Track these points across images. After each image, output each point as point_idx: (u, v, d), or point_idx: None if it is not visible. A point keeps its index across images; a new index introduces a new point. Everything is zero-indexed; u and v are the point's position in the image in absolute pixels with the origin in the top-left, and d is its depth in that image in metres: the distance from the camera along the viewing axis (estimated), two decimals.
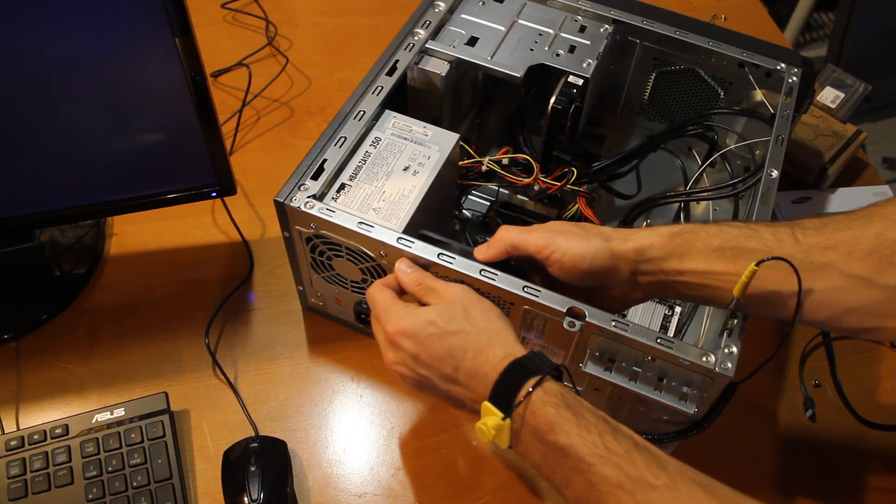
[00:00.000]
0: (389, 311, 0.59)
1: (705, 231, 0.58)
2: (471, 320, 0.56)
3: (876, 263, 0.52)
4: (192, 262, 0.85)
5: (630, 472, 0.47)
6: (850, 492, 0.72)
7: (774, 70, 0.78)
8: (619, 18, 0.81)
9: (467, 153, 0.78)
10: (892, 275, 0.52)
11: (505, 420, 0.51)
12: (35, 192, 0.72)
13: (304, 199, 0.65)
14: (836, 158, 0.92)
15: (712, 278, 0.56)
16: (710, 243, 0.57)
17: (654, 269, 0.58)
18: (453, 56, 0.76)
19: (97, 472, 0.68)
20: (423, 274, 0.61)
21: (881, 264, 0.52)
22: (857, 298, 0.53)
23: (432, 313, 0.57)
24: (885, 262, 0.52)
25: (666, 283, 0.59)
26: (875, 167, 0.99)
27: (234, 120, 0.99)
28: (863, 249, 0.53)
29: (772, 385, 0.78)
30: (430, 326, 0.56)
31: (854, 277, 0.52)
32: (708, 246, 0.57)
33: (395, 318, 0.58)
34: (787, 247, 0.55)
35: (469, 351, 0.55)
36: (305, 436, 0.73)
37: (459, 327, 0.55)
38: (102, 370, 0.77)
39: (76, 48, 0.62)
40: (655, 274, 0.58)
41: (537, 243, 0.59)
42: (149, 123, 0.70)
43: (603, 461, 0.48)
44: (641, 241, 0.58)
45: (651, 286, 0.60)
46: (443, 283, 0.60)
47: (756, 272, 0.53)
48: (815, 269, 0.53)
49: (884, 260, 0.52)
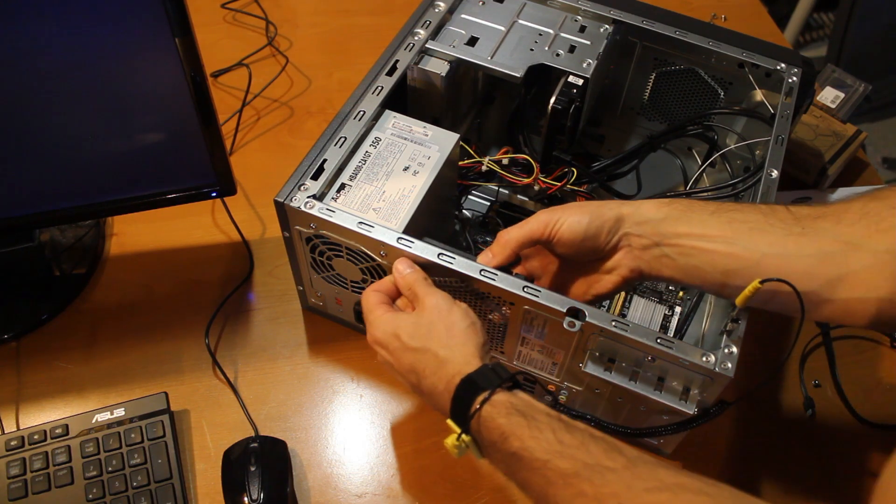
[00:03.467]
0: (368, 316, 0.61)
1: (701, 201, 0.60)
2: (433, 336, 0.56)
3: (865, 229, 0.53)
4: (192, 262, 0.85)
5: (586, 461, 0.48)
6: (850, 491, 0.72)
7: (774, 70, 0.78)
8: (619, 18, 0.81)
9: (467, 153, 0.78)
10: (882, 240, 0.52)
11: (463, 436, 0.53)
12: (35, 192, 0.72)
13: (304, 199, 0.65)
14: (836, 158, 0.92)
15: (707, 241, 0.57)
16: (706, 208, 0.58)
17: (649, 231, 0.59)
18: (453, 56, 0.76)
19: (97, 472, 0.68)
20: (416, 278, 0.61)
21: (870, 230, 0.53)
22: (848, 264, 0.53)
23: (399, 326, 0.58)
24: (874, 228, 0.52)
25: (660, 247, 0.59)
26: (875, 167, 0.99)
27: (234, 120, 0.99)
28: (851, 217, 0.54)
29: (772, 385, 0.78)
30: (395, 339, 0.58)
31: (845, 242, 0.53)
32: (703, 210, 0.58)
33: (371, 325, 0.60)
34: (780, 214, 0.56)
35: (427, 368, 0.56)
36: (305, 436, 0.73)
37: (419, 344, 0.57)
38: (102, 370, 0.77)
39: (76, 48, 0.62)
40: (650, 237, 0.59)
41: (540, 224, 0.61)
42: (149, 123, 0.70)
43: (558, 455, 0.49)
44: (636, 205, 0.60)
45: (644, 252, 0.60)
46: (425, 291, 0.59)
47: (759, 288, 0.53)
48: (808, 234, 0.54)
49: (872, 226, 0.53)
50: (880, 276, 0.52)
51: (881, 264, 0.52)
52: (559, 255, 0.64)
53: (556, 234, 0.60)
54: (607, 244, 0.60)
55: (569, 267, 0.65)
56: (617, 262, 0.61)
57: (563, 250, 0.61)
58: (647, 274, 0.61)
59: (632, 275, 0.61)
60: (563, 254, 0.62)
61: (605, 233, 0.60)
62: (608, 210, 0.60)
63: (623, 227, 0.60)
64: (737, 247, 0.55)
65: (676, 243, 0.58)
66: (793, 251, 0.54)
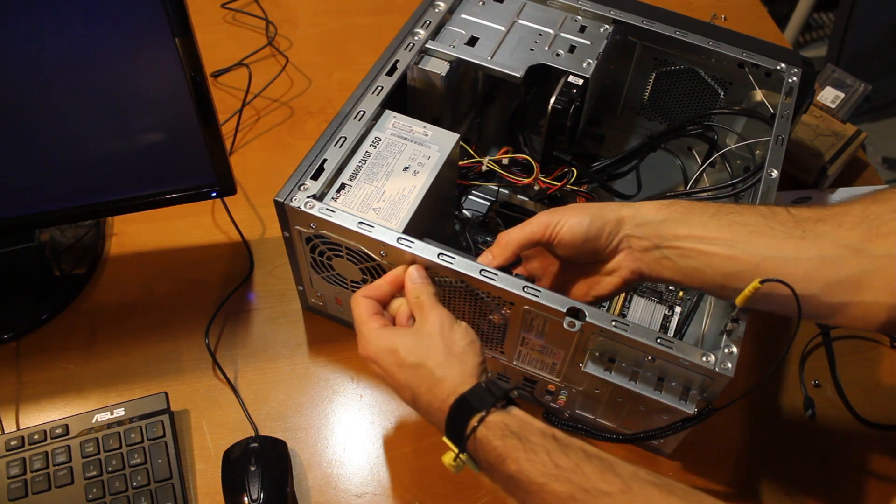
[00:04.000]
0: (361, 328, 0.60)
1: (702, 202, 0.60)
2: (431, 354, 0.56)
3: (865, 233, 0.53)
4: (192, 262, 0.85)
5: (582, 484, 0.48)
6: (850, 491, 0.72)
7: (774, 70, 0.78)
8: (619, 18, 0.81)
9: (467, 153, 0.78)
10: (882, 245, 0.52)
11: (461, 455, 0.53)
12: (35, 192, 0.72)
13: (304, 199, 0.65)
14: (836, 158, 0.92)
15: (707, 243, 0.57)
16: (706, 210, 0.58)
17: (649, 233, 0.59)
18: (453, 56, 0.76)
19: (97, 472, 0.68)
20: (427, 290, 0.61)
21: (870, 234, 0.52)
22: (848, 268, 0.53)
23: (398, 341, 0.57)
24: (874, 233, 0.52)
25: (660, 249, 0.59)
26: (875, 167, 0.99)
27: (234, 120, 0.99)
28: (851, 221, 0.53)
29: (772, 385, 0.78)
30: (391, 355, 0.57)
31: (844, 246, 0.53)
32: (704, 212, 0.58)
33: (364, 339, 0.59)
34: (780, 216, 0.56)
35: (423, 385, 0.56)
36: (305, 436, 0.73)
37: (417, 361, 0.56)
38: (102, 370, 0.77)
39: (76, 48, 0.62)
40: (650, 238, 0.59)
41: (541, 226, 0.61)
42: (149, 123, 0.70)
43: (553, 478, 0.49)
44: (637, 206, 0.60)
45: (645, 254, 0.60)
46: (431, 304, 0.59)
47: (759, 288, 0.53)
48: (808, 237, 0.54)
49: (872, 230, 0.52)
50: (880, 281, 0.52)
51: (881, 269, 0.52)
52: (560, 256, 0.64)
53: (556, 236, 0.60)
54: (608, 246, 0.60)
55: (569, 268, 0.65)
56: (617, 264, 0.61)
57: (564, 252, 0.61)
58: (647, 275, 0.61)
59: (632, 276, 0.61)
60: (563, 255, 0.62)
61: (605, 235, 0.60)
62: (609, 212, 0.60)
63: (623, 228, 0.60)
64: (737, 249, 0.55)
65: (676, 245, 0.58)
66: (792, 255, 0.54)
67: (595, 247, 0.60)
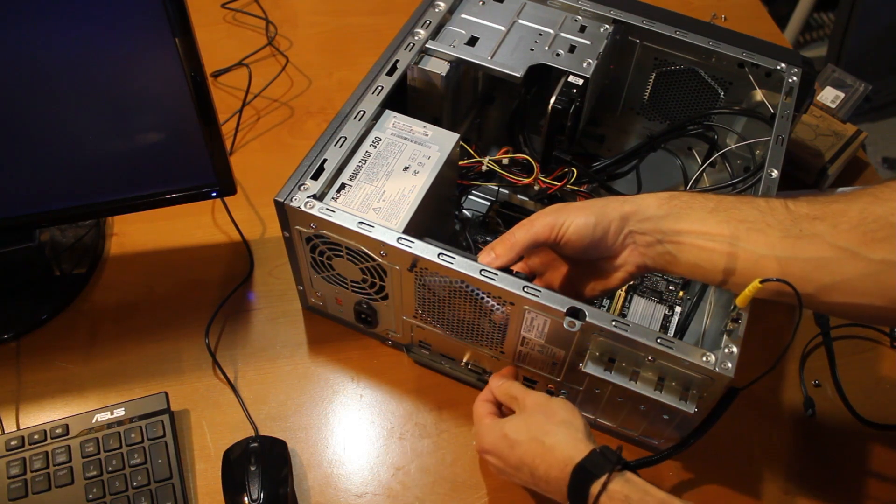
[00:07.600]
0: (477, 426, 0.65)
1: (702, 195, 0.60)
2: (537, 426, 0.59)
3: (861, 236, 0.52)
4: (192, 262, 0.85)
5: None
6: (850, 491, 0.72)
7: (774, 70, 0.78)
8: (619, 18, 0.81)
9: (467, 153, 0.78)
10: (878, 249, 0.52)
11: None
12: (35, 192, 0.72)
13: (305, 199, 0.65)
14: (836, 158, 0.92)
15: (706, 239, 0.57)
16: (706, 205, 0.58)
17: (651, 228, 0.59)
18: (453, 56, 0.76)
19: (97, 472, 0.68)
20: (511, 385, 0.66)
21: (866, 238, 0.52)
22: (843, 271, 0.53)
23: (505, 426, 0.61)
24: (871, 237, 0.52)
25: (662, 244, 0.59)
26: (875, 167, 0.99)
27: (234, 120, 0.99)
28: (849, 222, 0.53)
29: (772, 385, 0.78)
30: (503, 440, 0.61)
31: (840, 249, 0.53)
32: (704, 207, 0.58)
33: (479, 435, 0.64)
34: (778, 213, 0.56)
35: (537, 458, 0.58)
36: (305, 436, 0.73)
37: (526, 436, 0.59)
38: (102, 370, 0.77)
39: (76, 48, 0.62)
40: (652, 234, 0.59)
41: (546, 228, 0.61)
42: (149, 123, 0.70)
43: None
44: (639, 202, 0.60)
45: (649, 249, 0.60)
46: (523, 392, 0.63)
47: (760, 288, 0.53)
48: (804, 237, 0.54)
49: (868, 234, 0.52)
50: (874, 285, 0.52)
51: (877, 273, 0.52)
52: (564, 255, 0.64)
53: (562, 237, 0.60)
54: (614, 243, 0.61)
55: (572, 263, 0.65)
56: (624, 260, 0.62)
57: (570, 252, 0.62)
58: (652, 269, 0.61)
59: (637, 270, 0.62)
60: (568, 255, 0.63)
61: (611, 233, 0.60)
62: (612, 210, 0.60)
63: (627, 225, 0.60)
64: (735, 247, 0.56)
65: (678, 241, 0.58)
66: (789, 254, 0.54)
67: (602, 246, 0.61)
